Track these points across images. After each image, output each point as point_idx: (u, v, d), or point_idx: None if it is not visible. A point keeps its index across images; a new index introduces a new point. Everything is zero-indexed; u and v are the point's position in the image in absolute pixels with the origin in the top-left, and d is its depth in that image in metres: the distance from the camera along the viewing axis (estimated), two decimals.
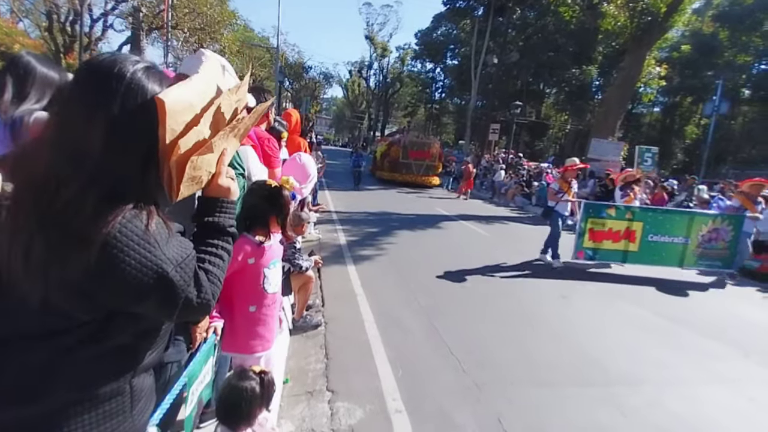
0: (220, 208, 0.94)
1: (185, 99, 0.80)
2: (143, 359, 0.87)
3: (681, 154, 32.69)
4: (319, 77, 50.52)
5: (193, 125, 0.82)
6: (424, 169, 17.79)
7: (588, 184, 12.22)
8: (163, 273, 0.76)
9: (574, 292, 5.52)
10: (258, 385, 1.54)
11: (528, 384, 3.13)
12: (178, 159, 0.79)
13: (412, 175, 17.55)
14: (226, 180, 0.94)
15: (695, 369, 3.68)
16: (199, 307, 0.84)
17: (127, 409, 0.86)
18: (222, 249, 0.93)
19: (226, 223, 0.94)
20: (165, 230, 0.80)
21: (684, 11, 13.92)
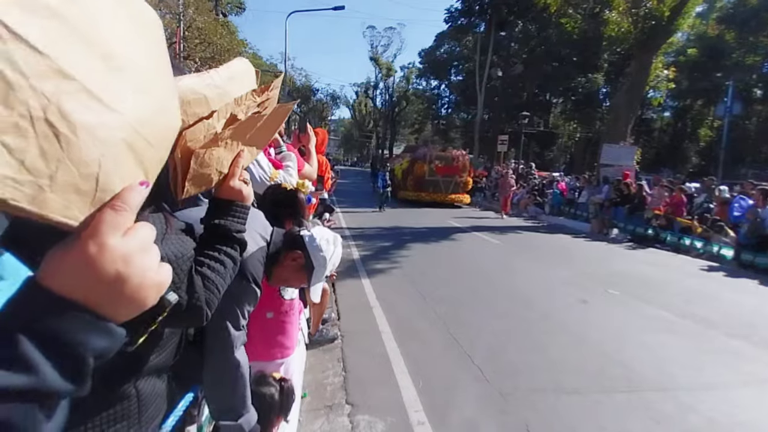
0: (229, 211, 0.87)
1: (199, 90, 0.76)
2: (147, 361, 0.83)
3: (696, 157, 32.11)
4: (326, 99, 51.65)
5: (204, 119, 0.77)
6: (453, 186, 15.94)
7: (602, 190, 12.04)
8: None
9: (595, 297, 5.36)
10: (277, 393, 1.50)
11: (554, 391, 3.02)
12: (183, 151, 0.74)
13: (440, 193, 15.70)
14: (238, 182, 0.87)
15: (727, 372, 3.51)
16: (188, 313, 0.78)
17: (134, 414, 0.82)
18: (225, 255, 0.86)
19: (234, 227, 0.88)
20: (161, 225, 0.74)
21: (688, 14, 13.90)
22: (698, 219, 9.40)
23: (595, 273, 6.72)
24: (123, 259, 0.35)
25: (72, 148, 0.30)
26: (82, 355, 0.33)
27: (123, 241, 0.35)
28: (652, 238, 9.79)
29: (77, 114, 0.30)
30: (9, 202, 0.27)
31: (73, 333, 0.33)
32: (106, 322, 0.35)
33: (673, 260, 8.31)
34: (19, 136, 0.26)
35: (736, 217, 8.49)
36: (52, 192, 0.29)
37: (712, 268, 7.67)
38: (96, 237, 0.34)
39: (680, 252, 8.90)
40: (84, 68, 0.30)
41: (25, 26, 0.26)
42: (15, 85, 0.26)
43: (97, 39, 0.31)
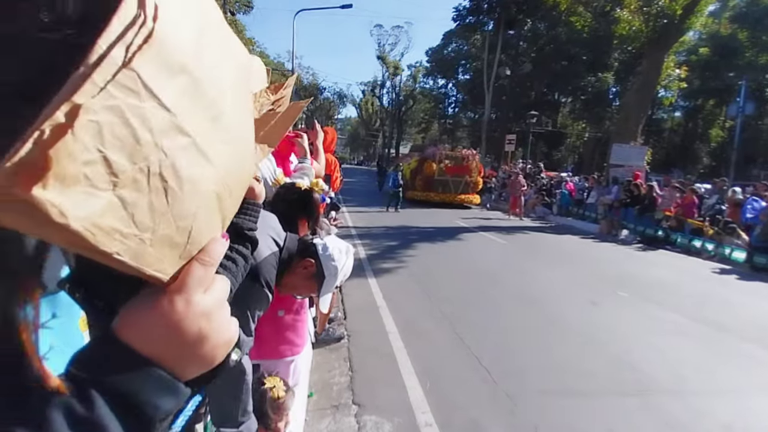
0: (241, 209, 0.85)
1: None
2: None
3: (707, 158, 31.67)
4: (333, 98, 51.74)
5: None
6: (463, 186, 15.55)
7: (612, 190, 11.90)
8: None
9: (605, 298, 5.30)
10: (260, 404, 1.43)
11: (562, 393, 2.98)
12: None
13: (449, 194, 15.37)
14: (252, 180, 0.86)
15: (741, 376, 3.44)
16: None
17: None
18: (237, 253, 0.85)
19: (245, 225, 0.87)
20: None
21: (701, 13, 13.69)
22: (710, 221, 9.26)
23: (605, 274, 6.64)
24: (206, 316, 0.33)
25: (176, 202, 0.30)
26: (151, 417, 0.31)
27: (206, 297, 0.34)
28: (662, 239, 9.66)
29: (185, 169, 0.30)
30: (113, 255, 0.26)
31: (147, 393, 0.31)
32: (177, 382, 0.33)
33: (683, 262, 8.19)
34: (135, 190, 0.26)
35: (748, 219, 8.35)
36: (151, 246, 0.29)
37: (724, 270, 7.55)
38: (183, 293, 0.32)
39: (691, 254, 8.77)
40: (195, 123, 0.30)
41: (159, 83, 0.26)
42: (142, 140, 0.26)
43: (211, 94, 0.32)
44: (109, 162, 0.24)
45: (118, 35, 0.24)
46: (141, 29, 0.25)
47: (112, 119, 0.24)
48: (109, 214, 0.25)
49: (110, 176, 0.25)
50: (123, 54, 0.24)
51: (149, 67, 0.25)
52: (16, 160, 0.21)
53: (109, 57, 0.24)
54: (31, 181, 0.22)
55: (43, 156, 0.22)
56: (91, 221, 0.24)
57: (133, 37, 0.25)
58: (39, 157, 0.22)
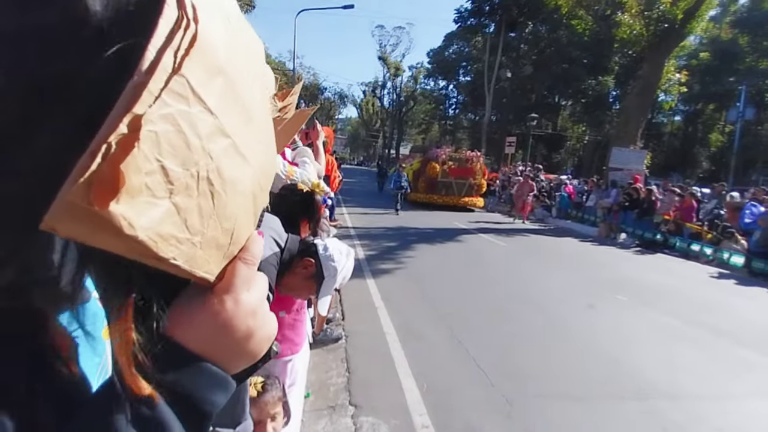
0: None
1: None
2: None
3: (706, 162, 31.73)
4: (333, 98, 51.75)
5: None
6: (467, 188, 15.28)
7: (611, 194, 11.92)
8: None
9: (603, 302, 5.30)
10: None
11: (560, 397, 2.98)
12: None
13: (452, 196, 15.08)
14: None
15: (736, 381, 3.44)
16: None
17: None
18: None
19: None
20: None
21: (702, 17, 13.72)
22: (708, 225, 9.27)
23: (603, 278, 6.65)
24: (253, 313, 0.34)
25: (221, 204, 0.30)
26: (208, 412, 0.32)
27: (251, 295, 0.35)
28: (660, 243, 9.68)
29: (228, 171, 0.30)
30: (170, 261, 0.27)
31: (203, 390, 0.32)
32: (227, 376, 0.34)
33: (681, 266, 8.20)
34: (187, 195, 0.27)
35: (747, 224, 8.36)
36: (201, 248, 0.29)
37: (722, 275, 7.56)
38: (232, 292, 0.33)
39: (689, 258, 8.78)
40: (233, 124, 0.30)
41: (205, 88, 0.26)
42: (192, 146, 0.26)
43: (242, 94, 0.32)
44: (166, 170, 0.25)
45: (166, 39, 0.24)
46: (186, 32, 0.25)
47: (167, 128, 0.24)
48: (167, 221, 0.26)
49: (167, 184, 0.25)
50: (172, 60, 0.24)
51: (195, 71, 0.25)
52: (88, 176, 0.22)
53: (161, 64, 0.24)
54: (106, 197, 0.22)
55: (115, 171, 0.22)
56: (154, 230, 0.25)
57: (179, 42, 0.25)
58: (111, 172, 0.22)
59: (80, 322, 0.41)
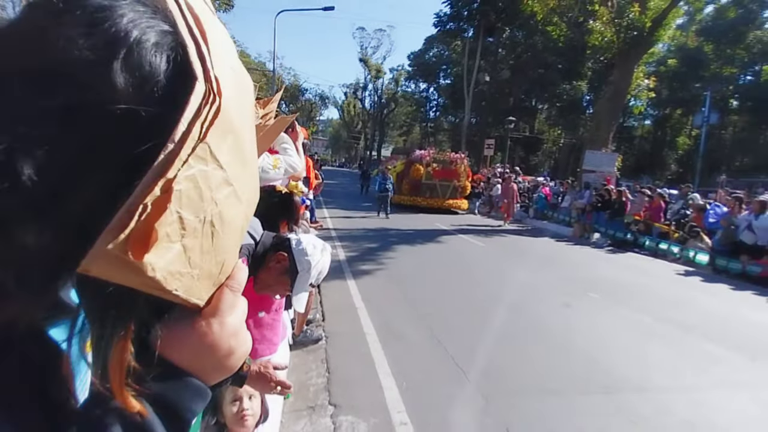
0: None
1: None
2: None
3: (674, 164, 33.07)
4: (315, 99, 51.43)
5: None
6: (451, 191, 15.17)
7: (584, 195, 12.29)
8: None
9: (577, 300, 5.47)
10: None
11: (535, 393, 3.06)
12: None
13: (437, 198, 14.96)
14: None
15: (702, 374, 3.62)
16: None
17: None
18: None
19: None
20: None
21: (669, 26, 14.34)
22: (675, 225, 9.68)
23: (577, 277, 6.85)
24: (235, 334, 0.39)
25: (218, 241, 0.34)
26: (189, 419, 0.37)
27: (234, 317, 0.39)
28: (631, 242, 10.04)
29: (227, 213, 0.34)
30: (172, 292, 0.31)
31: (186, 401, 0.36)
32: (207, 389, 0.38)
33: (651, 265, 8.53)
34: (193, 237, 0.31)
35: (711, 224, 8.78)
36: (198, 280, 0.33)
37: (689, 272, 7.91)
38: (218, 316, 0.38)
39: (658, 256, 9.15)
40: (235, 172, 0.34)
41: (219, 148, 0.30)
42: (204, 198, 0.30)
43: (244, 143, 0.35)
44: (182, 219, 0.29)
45: (195, 113, 0.28)
46: (212, 106, 0.29)
47: (188, 185, 0.28)
48: (177, 261, 0.30)
49: (181, 230, 0.29)
50: (199, 130, 0.28)
51: (215, 136, 0.29)
52: (128, 232, 0.26)
53: (191, 134, 0.28)
54: (142, 250, 0.26)
55: (149, 228, 0.26)
56: (167, 270, 0.29)
57: (206, 114, 0.29)
58: (146, 229, 0.26)
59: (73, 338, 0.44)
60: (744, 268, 7.54)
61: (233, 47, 0.37)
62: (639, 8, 12.86)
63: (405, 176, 15.40)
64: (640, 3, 12.98)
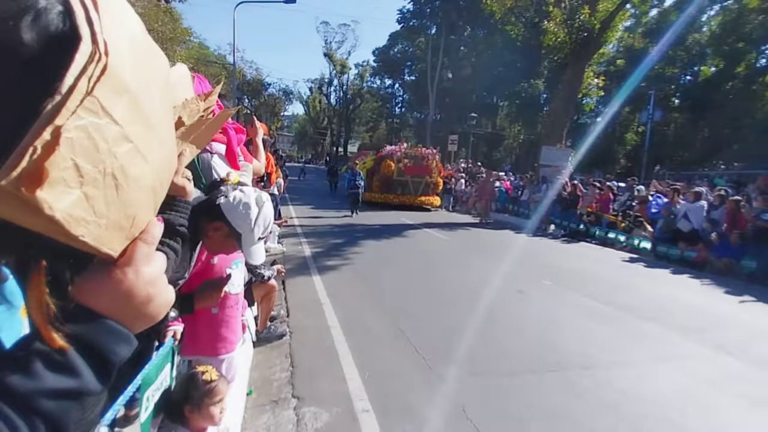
0: (172, 206, 0.93)
1: None
2: None
3: (623, 159, 35.11)
4: (279, 94, 50.30)
5: None
6: (423, 187, 14.84)
7: (541, 189, 12.88)
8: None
9: (531, 287, 5.79)
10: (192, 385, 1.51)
11: (490, 374, 3.27)
12: None
13: (409, 195, 14.64)
14: (182, 179, 0.94)
15: (639, 350, 3.97)
16: None
17: None
18: (169, 247, 0.87)
19: (177, 221, 0.92)
20: None
21: (616, 28, 15.23)
22: (622, 215, 10.38)
23: (533, 266, 7.24)
24: (152, 282, 0.44)
25: (123, 195, 0.38)
26: (113, 361, 0.41)
27: (150, 268, 0.44)
28: (583, 233, 10.67)
29: (130, 169, 0.39)
30: (79, 238, 0.35)
31: (109, 342, 0.41)
32: (129, 333, 0.43)
33: (600, 253, 9.12)
34: (95, 187, 0.35)
35: (653, 214, 9.50)
36: (106, 230, 0.38)
37: (633, 259, 8.53)
38: (133, 265, 0.43)
39: (606, 245, 9.79)
40: (136, 131, 0.39)
41: (111, 104, 0.35)
42: (100, 149, 0.35)
43: (145, 106, 0.41)
44: (78, 167, 0.33)
45: (81, 69, 0.33)
46: (98, 64, 0.34)
47: (80, 135, 0.33)
48: (77, 206, 0.34)
49: (78, 177, 0.33)
50: (86, 85, 0.33)
51: (104, 92, 0.35)
52: (20, 170, 0.30)
53: (77, 88, 0.32)
54: (34, 185, 0.30)
55: (40, 167, 0.30)
56: (67, 212, 0.33)
57: (92, 71, 0.34)
58: (37, 168, 0.30)
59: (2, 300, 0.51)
60: (682, 253, 8.23)
61: (140, 24, 0.43)
62: (589, 10, 13.57)
63: (375, 173, 15.00)
64: (590, 5, 13.70)
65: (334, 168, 22.00)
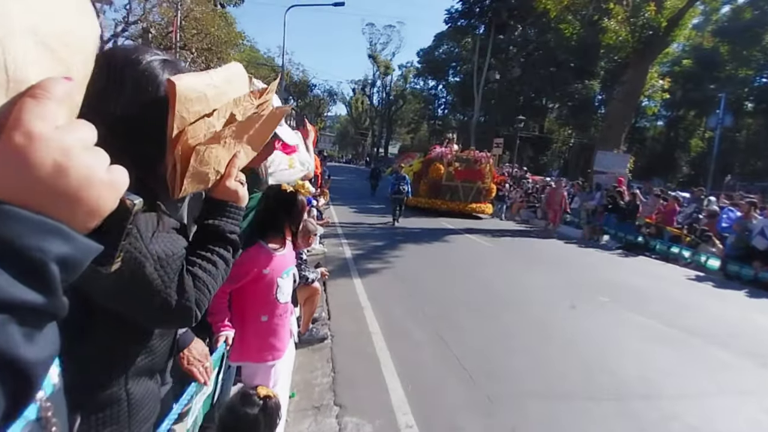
0: (223, 212, 0.87)
1: (199, 89, 0.76)
2: (134, 363, 0.82)
3: (686, 167, 32.59)
4: (323, 95, 51.43)
5: (206, 117, 0.78)
6: (475, 193, 13.54)
7: (595, 197, 12.15)
8: (140, 267, 0.71)
9: (585, 303, 5.41)
10: (261, 413, 1.47)
11: (541, 396, 3.04)
12: (184, 148, 0.74)
13: (459, 202, 13.38)
14: (235, 183, 0.87)
15: (710, 380, 3.56)
16: (177, 313, 0.77)
17: (124, 418, 0.81)
18: (218, 256, 0.85)
19: (227, 228, 0.87)
20: (153, 222, 0.75)
21: (685, 26, 14.10)
22: (687, 229, 9.54)
23: (586, 280, 6.79)
24: (60, 150, 0.32)
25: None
26: (40, 259, 0.30)
27: (57, 132, 0.32)
28: (642, 246, 9.92)
29: None
30: None
31: (20, 237, 0.30)
32: (57, 224, 0.32)
33: (661, 269, 8.42)
34: None
35: (723, 228, 8.64)
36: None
37: (699, 278, 7.80)
38: (20, 127, 0.30)
39: (669, 261, 9.03)
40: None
41: None
42: None
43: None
44: None
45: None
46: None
47: None
48: None
49: None
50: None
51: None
52: None
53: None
54: None
55: None
56: None
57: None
58: None
59: None
60: (756, 274, 7.41)
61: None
62: (655, 8, 12.64)
63: (423, 176, 13.90)
64: (656, 2, 12.75)
65: (378, 170, 20.91)
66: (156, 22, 16.85)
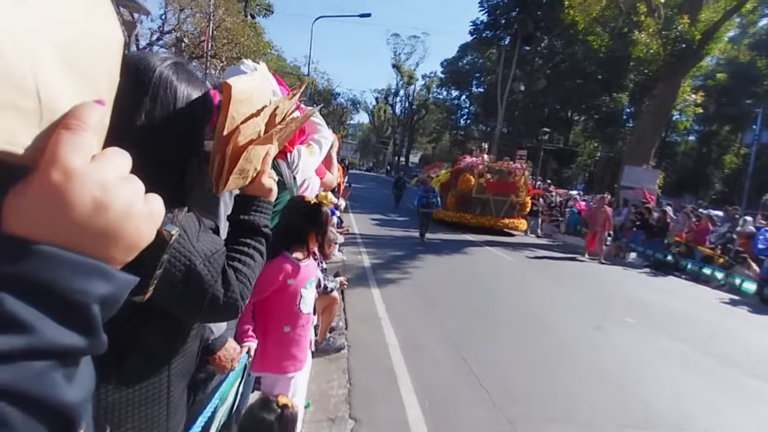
0: (257, 207, 0.91)
1: (248, 91, 0.81)
2: (174, 363, 0.84)
3: (719, 184, 31.27)
4: (346, 103, 52.06)
5: (253, 117, 0.82)
6: (508, 208, 12.44)
7: (622, 212, 11.78)
8: (191, 265, 0.74)
9: (611, 324, 5.20)
10: (277, 421, 1.49)
11: (564, 422, 2.91)
12: (235, 147, 0.78)
13: (490, 216, 12.34)
14: (269, 180, 0.91)
15: (749, 415, 3.35)
16: (225, 306, 0.80)
17: (163, 420, 0.83)
18: (254, 249, 0.89)
19: (261, 222, 0.91)
20: (195, 223, 0.79)
21: (720, 39, 13.63)
22: (721, 249, 9.11)
23: (612, 299, 6.55)
24: (99, 185, 0.30)
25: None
26: (82, 302, 0.29)
27: (93, 165, 0.31)
28: (671, 265, 9.51)
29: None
30: None
31: (62, 281, 0.29)
32: (98, 263, 0.31)
33: (692, 290, 8.04)
34: None
35: (760, 250, 8.20)
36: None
37: (734, 301, 7.40)
38: (57, 163, 0.29)
39: (700, 282, 8.62)
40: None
41: None
42: None
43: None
44: None
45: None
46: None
47: None
48: None
49: None
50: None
51: None
52: None
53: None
54: None
55: None
56: None
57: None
58: None
59: None
60: None
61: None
62: (689, 20, 12.26)
63: (451, 188, 12.87)
64: (690, 15, 12.38)
65: (402, 180, 19.38)
66: (189, 32, 17.50)
